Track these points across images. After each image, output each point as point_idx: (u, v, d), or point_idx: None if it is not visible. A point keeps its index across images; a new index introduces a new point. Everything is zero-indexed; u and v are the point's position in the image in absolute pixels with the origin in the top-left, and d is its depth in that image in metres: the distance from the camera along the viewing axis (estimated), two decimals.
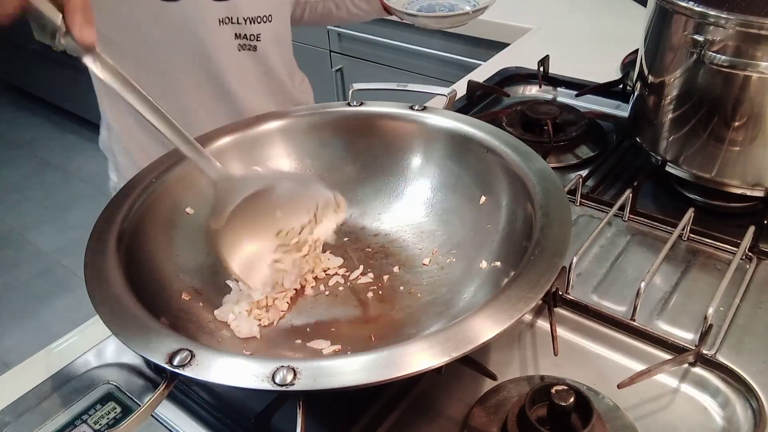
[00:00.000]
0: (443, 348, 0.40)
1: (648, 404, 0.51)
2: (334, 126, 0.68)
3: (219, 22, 0.78)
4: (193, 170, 0.62)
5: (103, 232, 0.52)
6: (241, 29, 0.80)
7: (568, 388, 0.44)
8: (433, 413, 0.51)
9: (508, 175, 0.58)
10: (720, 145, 0.65)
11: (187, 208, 0.60)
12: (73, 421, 0.51)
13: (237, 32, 0.80)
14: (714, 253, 0.65)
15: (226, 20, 0.78)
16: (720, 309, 0.57)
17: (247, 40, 0.81)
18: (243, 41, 0.81)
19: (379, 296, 0.58)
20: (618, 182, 0.78)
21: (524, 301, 0.42)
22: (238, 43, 0.81)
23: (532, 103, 0.89)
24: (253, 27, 0.81)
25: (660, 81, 0.69)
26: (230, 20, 0.79)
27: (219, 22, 0.78)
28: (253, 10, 0.80)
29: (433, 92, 0.74)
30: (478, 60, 1.32)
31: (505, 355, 0.56)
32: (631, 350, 0.55)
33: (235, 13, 0.79)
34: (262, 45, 0.83)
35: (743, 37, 0.59)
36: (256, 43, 0.82)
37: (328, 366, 0.40)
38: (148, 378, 0.54)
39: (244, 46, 0.82)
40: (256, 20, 0.81)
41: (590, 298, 0.60)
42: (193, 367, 0.40)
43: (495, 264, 0.55)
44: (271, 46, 0.84)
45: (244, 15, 0.80)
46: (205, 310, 0.55)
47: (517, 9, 1.40)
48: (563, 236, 0.48)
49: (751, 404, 0.49)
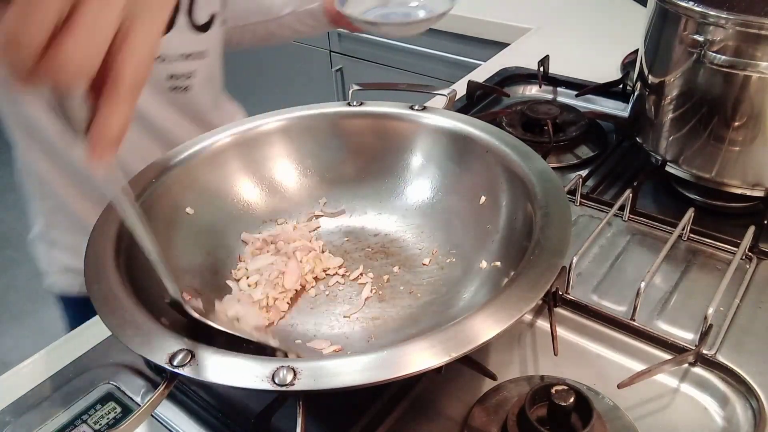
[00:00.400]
0: (443, 348, 0.40)
1: (648, 404, 0.51)
2: (334, 126, 0.68)
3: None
4: (193, 170, 0.62)
5: (104, 232, 0.52)
6: (173, 68, 0.72)
7: (568, 388, 0.44)
8: (433, 413, 0.51)
9: (508, 175, 0.58)
10: (720, 145, 0.65)
11: (187, 208, 0.60)
12: (73, 421, 0.51)
13: (170, 73, 0.72)
14: (714, 253, 0.65)
15: (156, 59, 0.69)
16: (720, 309, 0.57)
17: (179, 80, 0.73)
18: (174, 82, 0.73)
19: (379, 296, 0.58)
20: (618, 182, 0.78)
21: (524, 301, 0.42)
22: (169, 85, 0.73)
23: (532, 103, 0.89)
24: (186, 64, 0.73)
25: (660, 81, 0.69)
26: (161, 59, 0.71)
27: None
28: (186, 46, 0.72)
29: (433, 92, 0.74)
30: (478, 60, 1.32)
31: (505, 355, 0.56)
32: (631, 350, 0.55)
33: (168, 50, 0.71)
34: (193, 84, 0.75)
35: (743, 37, 0.59)
36: (187, 82, 0.74)
37: (328, 366, 0.40)
38: (148, 378, 0.54)
39: (175, 88, 0.74)
40: (190, 57, 0.73)
41: (590, 298, 0.60)
42: (193, 367, 0.40)
43: (495, 264, 0.55)
44: (204, 85, 0.77)
45: (178, 52, 0.72)
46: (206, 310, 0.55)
47: (517, 9, 1.40)
48: (563, 236, 0.48)
49: (751, 404, 0.49)
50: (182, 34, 0.71)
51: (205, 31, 0.74)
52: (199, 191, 0.62)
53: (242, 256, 0.62)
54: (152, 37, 0.31)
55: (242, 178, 0.65)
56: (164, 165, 0.60)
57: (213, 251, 0.60)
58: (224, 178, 0.64)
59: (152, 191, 0.57)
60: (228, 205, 0.64)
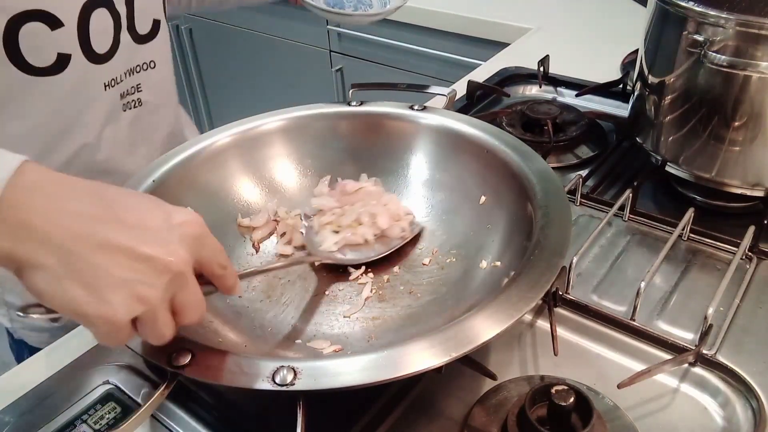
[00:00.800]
0: (443, 348, 0.40)
1: (648, 404, 0.51)
2: (334, 126, 0.68)
3: (104, 86, 0.68)
4: (193, 170, 0.62)
5: None
6: (122, 87, 0.70)
7: (568, 388, 0.44)
8: (433, 413, 0.51)
9: (508, 175, 0.58)
10: (720, 145, 0.65)
11: (187, 208, 0.60)
12: (73, 421, 0.51)
13: (121, 92, 0.71)
14: (714, 253, 0.65)
15: (111, 83, 0.68)
16: (720, 309, 0.57)
17: (129, 96, 0.72)
18: (126, 99, 0.71)
19: (379, 296, 0.58)
20: (618, 182, 0.78)
21: (524, 301, 0.43)
22: (122, 103, 0.71)
23: (532, 103, 0.89)
24: (133, 79, 0.71)
25: (660, 81, 0.69)
26: (115, 81, 0.69)
27: (104, 87, 0.68)
28: (132, 60, 0.71)
29: (433, 92, 0.74)
30: (478, 60, 1.32)
31: (505, 355, 0.56)
32: (631, 350, 0.55)
33: (116, 72, 0.69)
34: (144, 96, 0.73)
35: (743, 37, 0.59)
36: (137, 96, 0.72)
37: (328, 366, 0.40)
38: (148, 378, 0.54)
39: (127, 104, 0.72)
40: (135, 70, 0.71)
41: (590, 298, 0.60)
42: (193, 367, 0.40)
43: (495, 264, 0.55)
44: (156, 95, 0.75)
45: (125, 68, 0.70)
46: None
47: (517, 9, 1.40)
48: (563, 236, 0.48)
49: (751, 404, 0.49)
50: (127, 52, 0.69)
51: (150, 40, 0.72)
52: (199, 191, 0.62)
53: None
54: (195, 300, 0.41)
55: (242, 178, 0.65)
56: (164, 165, 0.60)
57: None
58: (224, 178, 0.64)
59: (152, 191, 0.57)
60: (228, 205, 0.64)
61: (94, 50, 0.65)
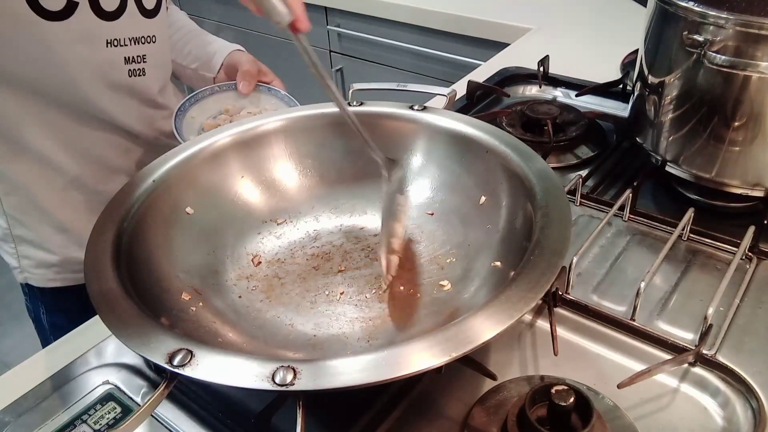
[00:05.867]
0: (443, 348, 0.40)
1: (648, 404, 0.51)
2: (334, 126, 0.68)
3: (107, 43, 0.73)
4: (193, 170, 0.62)
5: (104, 231, 0.52)
6: (127, 51, 0.75)
7: (568, 388, 0.44)
8: (433, 413, 0.51)
9: (508, 175, 0.58)
10: (720, 145, 0.65)
11: (187, 208, 0.60)
12: (73, 421, 0.51)
13: (125, 55, 0.75)
14: (714, 253, 0.65)
15: (114, 42, 0.73)
16: (720, 309, 0.57)
17: (134, 63, 0.76)
18: (130, 66, 0.76)
19: (379, 296, 0.58)
20: (618, 182, 0.78)
21: (524, 301, 0.42)
22: (127, 69, 0.76)
23: (532, 103, 0.89)
24: (138, 48, 0.76)
25: (660, 81, 0.69)
26: (116, 44, 0.74)
27: (107, 43, 0.73)
28: (136, 30, 0.76)
29: (433, 92, 0.74)
30: (478, 60, 1.32)
31: (505, 355, 0.56)
32: (631, 350, 0.55)
33: (121, 34, 0.74)
34: (147, 68, 0.78)
35: (743, 37, 0.59)
36: (142, 65, 0.77)
37: (328, 366, 0.40)
38: (148, 378, 0.54)
39: (133, 72, 0.77)
40: (140, 41, 0.76)
41: (590, 298, 0.60)
42: (193, 367, 0.40)
43: (495, 264, 0.55)
44: (156, 68, 0.80)
45: (130, 35, 0.75)
46: (205, 310, 0.55)
47: (517, 9, 1.40)
48: (563, 236, 0.48)
49: (751, 404, 0.49)
50: (132, 19, 0.75)
51: (153, 16, 0.78)
52: (199, 191, 0.62)
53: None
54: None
55: (242, 178, 0.65)
56: (164, 165, 0.60)
57: (213, 251, 0.60)
58: (224, 178, 0.64)
59: (152, 191, 0.57)
60: (228, 205, 0.64)
61: (101, 6, 0.71)
